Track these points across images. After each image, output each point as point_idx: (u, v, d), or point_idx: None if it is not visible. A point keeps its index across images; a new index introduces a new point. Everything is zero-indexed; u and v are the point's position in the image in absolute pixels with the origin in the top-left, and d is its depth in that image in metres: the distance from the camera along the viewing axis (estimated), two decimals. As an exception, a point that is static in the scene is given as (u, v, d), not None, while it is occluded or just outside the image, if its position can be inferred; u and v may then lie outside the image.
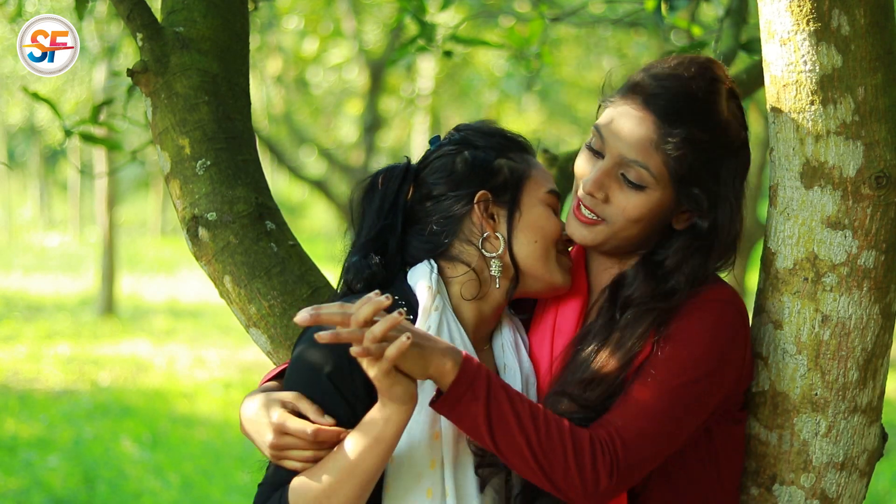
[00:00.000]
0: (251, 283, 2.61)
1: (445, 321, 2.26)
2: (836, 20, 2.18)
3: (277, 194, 22.38)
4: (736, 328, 2.22)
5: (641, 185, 2.22)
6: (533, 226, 2.31)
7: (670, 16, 4.33)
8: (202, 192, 2.64)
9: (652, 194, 2.23)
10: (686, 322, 2.20)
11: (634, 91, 2.26)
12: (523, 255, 2.30)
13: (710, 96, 2.24)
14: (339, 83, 18.28)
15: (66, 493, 7.58)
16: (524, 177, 2.32)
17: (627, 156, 2.22)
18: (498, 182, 2.31)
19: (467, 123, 2.43)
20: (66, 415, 9.96)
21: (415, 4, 4.38)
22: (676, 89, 2.23)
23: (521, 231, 2.31)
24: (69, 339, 13.83)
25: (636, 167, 2.22)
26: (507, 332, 2.37)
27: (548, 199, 2.33)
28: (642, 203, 2.23)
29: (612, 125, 2.25)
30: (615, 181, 2.24)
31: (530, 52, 4.51)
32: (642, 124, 2.22)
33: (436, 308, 2.26)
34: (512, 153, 2.35)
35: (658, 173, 2.22)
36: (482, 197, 2.30)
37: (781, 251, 2.32)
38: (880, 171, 2.22)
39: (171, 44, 2.68)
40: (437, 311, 2.25)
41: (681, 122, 2.20)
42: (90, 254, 23.28)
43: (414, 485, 2.18)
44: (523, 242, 2.30)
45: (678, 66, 2.26)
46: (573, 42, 12.98)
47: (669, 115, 2.21)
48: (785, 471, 2.34)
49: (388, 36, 13.16)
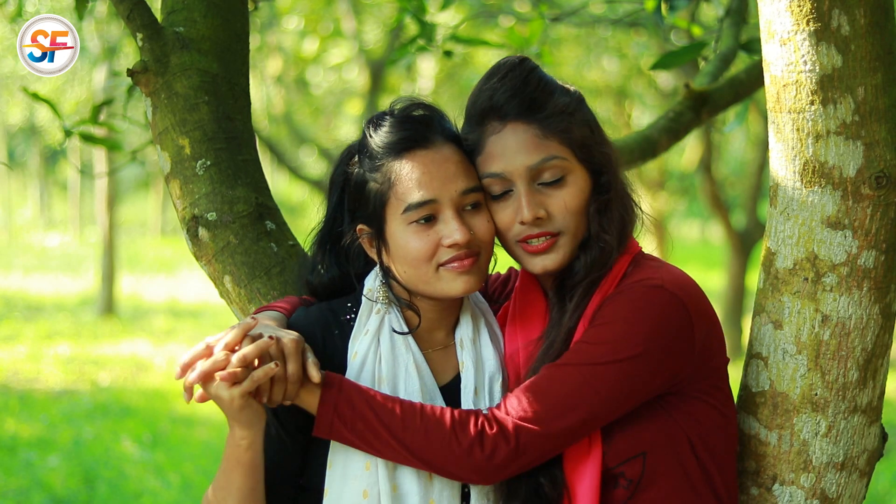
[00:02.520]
0: (251, 283, 2.61)
1: (388, 325, 2.29)
2: (836, 20, 2.18)
3: (277, 194, 22.39)
4: (665, 312, 2.19)
5: (562, 175, 2.27)
6: (397, 254, 2.27)
7: (670, 16, 4.33)
8: (202, 192, 2.65)
9: (574, 178, 2.28)
10: (610, 305, 2.21)
11: (485, 118, 2.29)
12: (402, 280, 2.29)
13: (533, 73, 2.30)
14: (339, 83, 18.28)
15: (66, 493, 7.58)
16: (385, 201, 2.26)
17: (533, 163, 2.26)
18: (368, 211, 2.29)
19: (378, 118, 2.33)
20: (66, 415, 9.95)
21: (415, 4, 4.38)
22: (510, 86, 2.28)
23: (393, 260, 2.28)
24: (69, 339, 13.83)
25: (547, 164, 2.26)
26: (466, 328, 2.36)
27: (409, 217, 2.24)
28: (573, 191, 2.28)
29: (499, 156, 2.27)
30: (540, 195, 2.27)
31: (530, 52, 4.51)
32: (515, 132, 2.27)
33: (377, 312, 2.30)
34: (380, 169, 2.26)
35: (563, 153, 2.27)
36: (360, 232, 2.32)
37: (781, 251, 2.32)
38: (880, 171, 2.22)
39: (171, 44, 2.68)
40: (378, 314, 2.30)
41: (540, 103, 2.27)
42: (90, 254, 23.29)
43: (350, 487, 2.22)
44: (398, 271, 2.29)
45: (491, 76, 2.31)
46: (573, 42, 12.98)
47: (528, 106, 2.27)
48: (785, 471, 2.34)
49: (388, 36, 13.15)
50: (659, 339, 2.17)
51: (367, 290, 2.33)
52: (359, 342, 2.28)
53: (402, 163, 2.24)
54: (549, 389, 2.16)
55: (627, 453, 2.21)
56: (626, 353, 2.15)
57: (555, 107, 2.28)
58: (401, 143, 2.25)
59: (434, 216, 2.24)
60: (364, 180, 2.28)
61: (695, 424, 2.24)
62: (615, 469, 2.21)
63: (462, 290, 2.26)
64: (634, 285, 2.22)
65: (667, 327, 2.18)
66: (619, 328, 2.17)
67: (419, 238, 2.24)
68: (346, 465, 2.22)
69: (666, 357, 2.18)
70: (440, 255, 2.24)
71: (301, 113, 19.39)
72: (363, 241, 2.32)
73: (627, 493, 2.22)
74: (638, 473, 2.21)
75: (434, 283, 2.26)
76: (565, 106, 2.29)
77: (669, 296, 2.19)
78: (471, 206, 2.27)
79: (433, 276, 2.25)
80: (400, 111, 2.31)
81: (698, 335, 2.22)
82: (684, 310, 2.20)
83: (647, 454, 2.21)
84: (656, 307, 2.18)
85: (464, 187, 2.25)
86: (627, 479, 2.22)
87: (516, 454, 2.14)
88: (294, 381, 2.12)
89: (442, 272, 2.25)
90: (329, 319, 2.31)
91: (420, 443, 2.14)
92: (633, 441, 2.21)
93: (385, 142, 2.26)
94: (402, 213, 2.23)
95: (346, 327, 2.30)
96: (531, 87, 2.28)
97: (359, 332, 2.29)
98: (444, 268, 2.24)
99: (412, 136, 2.26)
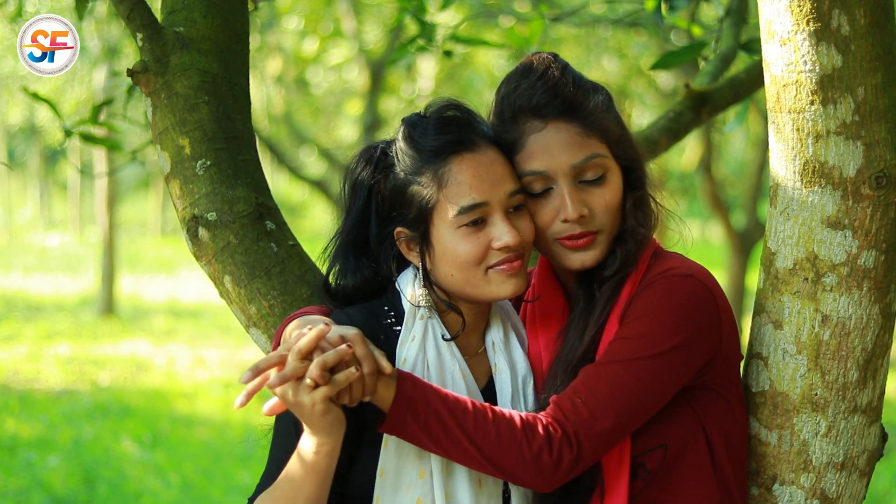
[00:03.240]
0: (251, 283, 2.61)
1: (431, 330, 2.27)
2: (836, 20, 2.18)
3: (277, 194, 22.38)
4: (696, 299, 2.21)
5: (602, 174, 2.28)
6: (445, 258, 2.25)
7: (670, 16, 4.33)
8: (202, 192, 2.64)
9: (612, 176, 2.30)
10: (643, 298, 2.23)
11: (523, 117, 2.29)
12: (445, 285, 2.27)
13: (567, 70, 2.32)
14: (339, 83, 18.28)
15: (66, 493, 7.58)
16: (432, 205, 2.23)
17: (577, 161, 2.26)
18: (411, 215, 2.26)
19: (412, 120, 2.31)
20: (66, 415, 9.96)
21: (415, 4, 4.38)
22: (549, 84, 2.29)
23: (437, 264, 2.26)
24: (69, 339, 13.83)
25: (590, 162, 2.27)
26: (497, 332, 2.36)
27: (459, 220, 2.22)
28: (613, 189, 2.30)
29: (542, 154, 2.27)
30: (583, 193, 2.28)
31: (530, 52, 4.50)
32: (558, 131, 2.28)
33: (420, 317, 2.27)
34: (425, 173, 2.24)
35: (604, 151, 2.29)
36: (398, 235, 2.29)
37: (781, 251, 2.32)
38: (880, 171, 2.22)
39: (171, 44, 2.68)
40: (422, 319, 2.27)
41: (574, 102, 2.28)
42: (90, 254, 23.29)
43: (404, 496, 2.19)
44: (442, 274, 2.27)
45: (525, 74, 2.31)
46: (573, 42, 12.97)
47: (565, 105, 2.28)
48: (785, 471, 2.34)
49: (388, 36, 13.15)
50: (693, 327, 2.20)
51: (409, 296, 2.29)
52: (406, 349, 2.24)
53: (449, 166, 2.23)
54: (597, 389, 2.16)
55: (649, 444, 2.22)
56: (666, 343, 2.17)
57: (593, 105, 2.30)
58: (447, 147, 2.24)
59: (484, 219, 2.23)
60: (404, 184, 2.25)
61: (715, 420, 2.26)
62: (637, 459, 2.23)
63: (512, 292, 2.25)
64: (663, 276, 2.24)
65: (699, 315, 2.21)
66: (657, 320, 2.19)
67: (469, 241, 2.22)
68: (399, 472, 2.20)
69: (700, 345, 2.21)
70: (490, 258, 2.23)
71: (301, 113, 19.39)
72: (401, 245, 2.29)
73: (643, 484, 2.23)
74: (657, 465, 2.22)
75: (482, 287, 2.25)
76: (600, 104, 2.32)
77: (699, 285, 2.23)
78: (514, 207, 2.27)
79: (482, 278, 2.24)
80: (436, 113, 2.30)
81: (724, 326, 2.25)
82: (713, 299, 2.24)
83: (669, 446, 2.22)
84: (688, 296, 2.21)
85: (511, 189, 2.25)
86: (647, 469, 2.23)
87: (579, 459, 2.13)
88: (371, 375, 2.06)
89: (491, 275, 2.24)
90: (373, 323, 2.28)
91: (492, 444, 2.11)
92: (657, 432, 2.22)
93: (428, 145, 2.25)
94: (453, 217, 2.22)
95: (390, 332, 2.27)
96: (569, 86, 2.30)
97: (406, 339, 2.25)
98: (494, 270, 2.24)
99: (457, 138, 2.25)
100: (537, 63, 2.32)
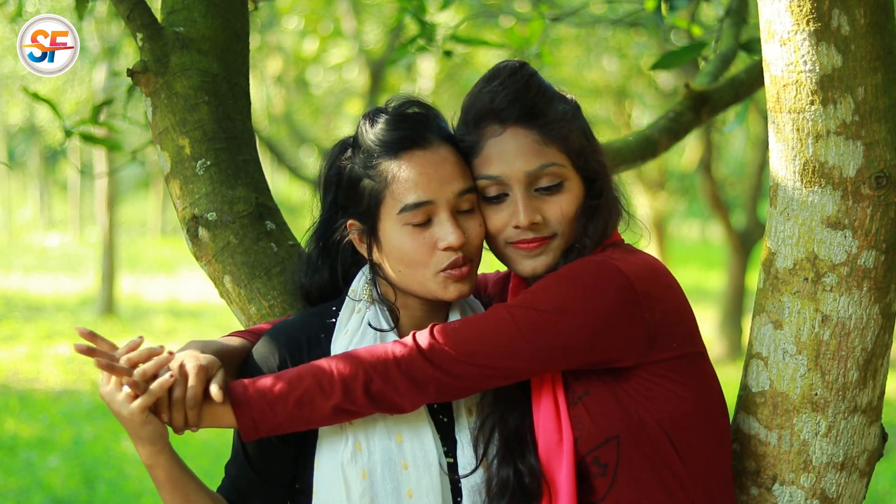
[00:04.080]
0: (251, 283, 2.61)
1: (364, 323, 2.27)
2: (836, 20, 2.18)
3: (277, 194, 22.35)
4: (601, 279, 2.18)
5: (559, 181, 2.28)
6: (391, 254, 2.26)
7: (670, 16, 4.33)
8: (202, 192, 2.65)
9: (570, 185, 2.29)
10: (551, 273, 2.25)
11: (484, 120, 2.30)
12: (393, 280, 2.28)
13: (533, 78, 2.31)
14: (339, 83, 18.29)
15: (66, 493, 7.58)
16: (379, 200, 2.24)
17: (532, 168, 2.26)
18: (362, 208, 2.27)
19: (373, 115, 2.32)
20: (66, 415, 9.95)
21: (415, 4, 4.38)
22: (512, 90, 2.29)
23: (385, 258, 2.27)
24: (69, 339, 13.82)
25: (546, 170, 2.27)
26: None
27: (403, 218, 2.22)
28: (570, 197, 2.29)
29: (498, 159, 2.27)
30: (537, 200, 2.28)
31: (530, 52, 4.51)
32: (515, 136, 2.27)
33: (357, 311, 2.29)
34: (376, 167, 2.25)
35: (561, 161, 2.28)
36: (350, 227, 2.30)
37: (781, 251, 2.32)
38: (880, 171, 2.22)
39: (171, 44, 2.68)
40: (359, 313, 2.28)
41: (540, 109, 2.28)
42: (90, 254, 23.29)
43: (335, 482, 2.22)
44: (389, 269, 2.27)
45: (491, 79, 2.32)
46: (573, 42, 12.98)
47: (529, 112, 2.27)
48: (785, 471, 2.34)
49: (388, 36, 13.15)
50: (588, 303, 2.17)
51: (350, 291, 2.32)
52: (339, 342, 2.26)
53: (399, 162, 2.23)
54: (475, 321, 2.20)
55: (598, 438, 2.20)
56: (546, 304, 2.16)
57: (555, 114, 2.29)
58: (398, 143, 2.24)
59: (430, 218, 2.23)
60: (358, 176, 2.27)
61: (660, 411, 2.21)
62: (588, 455, 2.21)
63: (455, 297, 2.26)
64: (585, 259, 2.25)
65: (597, 293, 2.17)
66: (548, 283, 2.20)
67: (414, 240, 2.23)
68: (331, 461, 2.22)
69: (597, 324, 2.16)
70: (438, 260, 2.23)
71: (301, 113, 19.40)
72: (353, 237, 2.31)
73: (608, 481, 2.20)
74: (613, 458, 2.20)
75: (428, 287, 2.25)
76: (564, 113, 2.31)
77: (612, 269, 2.19)
78: (465, 208, 2.26)
79: (431, 279, 2.24)
80: (396, 108, 2.30)
81: (648, 317, 2.19)
82: (630, 287, 2.18)
83: (621, 438, 2.20)
84: (591, 273, 2.19)
85: (460, 189, 2.24)
86: (602, 464, 2.20)
87: (430, 364, 2.14)
88: (192, 404, 2.10)
89: (440, 277, 2.24)
90: (313, 324, 2.30)
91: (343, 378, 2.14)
92: (602, 425, 2.20)
93: (382, 139, 2.25)
94: (397, 214, 2.22)
95: (332, 328, 2.30)
96: (532, 93, 2.29)
97: (339, 333, 2.28)
98: (443, 273, 2.24)
99: (410, 135, 2.25)
100: (504, 69, 2.32)
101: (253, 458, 2.26)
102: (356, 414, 2.17)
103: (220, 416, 2.14)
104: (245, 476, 2.27)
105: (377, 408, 2.16)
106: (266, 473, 2.26)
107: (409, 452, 2.22)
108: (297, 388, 2.14)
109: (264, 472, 2.26)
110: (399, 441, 2.22)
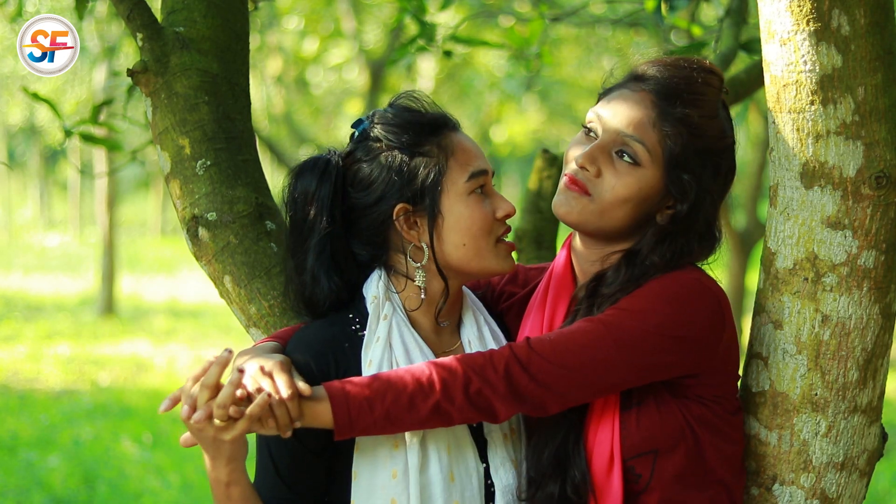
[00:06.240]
0: (251, 283, 2.61)
1: (397, 329, 2.25)
2: (836, 20, 2.18)
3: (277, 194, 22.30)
4: (695, 296, 2.20)
5: (636, 161, 2.26)
6: (457, 226, 2.25)
7: (670, 16, 4.33)
8: (202, 192, 2.65)
9: (644, 174, 2.26)
10: (643, 287, 2.23)
11: (634, 78, 2.32)
12: (453, 258, 2.27)
13: (708, 88, 2.30)
14: (339, 83, 18.28)
15: (66, 493, 7.58)
16: (441, 174, 2.24)
17: (625, 131, 2.26)
18: (415, 189, 2.24)
19: (385, 110, 2.33)
20: (66, 415, 9.95)
21: (415, 4, 4.38)
22: (676, 74, 2.29)
23: (447, 235, 2.26)
24: (69, 339, 13.83)
25: (633, 143, 2.25)
26: (471, 328, 2.36)
27: (470, 186, 2.25)
28: (633, 182, 2.26)
29: (610, 105, 2.30)
30: (609, 158, 2.27)
31: (530, 52, 4.51)
32: (641, 103, 2.27)
33: (384, 317, 2.26)
34: (427, 144, 2.25)
35: (653, 151, 2.25)
36: (400, 211, 2.26)
37: (781, 251, 2.32)
38: (880, 171, 2.22)
39: (171, 44, 2.68)
40: (386, 320, 2.26)
41: (679, 102, 2.26)
42: (90, 254, 23.29)
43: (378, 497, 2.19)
44: (451, 246, 2.26)
45: (680, 59, 2.34)
46: (573, 42, 12.97)
47: (668, 95, 2.26)
48: (785, 471, 2.34)
49: (388, 36, 13.15)
50: (686, 321, 2.18)
51: (371, 298, 2.28)
52: (371, 350, 2.23)
53: (449, 137, 2.28)
54: (570, 334, 2.18)
55: (640, 448, 2.21)
56: (645, 320, 2.17)
57: (686, 115, 2.26)
58: (442, 120, 2.29)
59: (484, 188, 2.28)
60: (406, 157, 2.25)
61: (707, 430, 2.23)
62: (627, 462, 2.22)
63: (509, 268, 2.32)
64: (671, 275, 2.24)
65: (695, 311, 2.19)
66: (649, 299, 2.19)
67: (481, 207, 2.26)
68: (372, 475, 2.20)
69: (689, 340, 2.18)
70: (497, 229, 2.28)
71: (301, 113, 19.40)
72: (399, 223, 2.26)
73: (639, 488, 2.21)
74: (648, 471, 2.21)
75: (489, 258, 2.27)
76: (696, 127, 2.26)
77: (703, 286, 2.22)
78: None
79: (491, 249, 2.27)
80: (406, 102, 2.34)
81: (727, 336, 2.23)
82: (718, 305, 2.22)
83: (659, 453, 2.21)
84: (687, 290, 2.21)
85: (491, 169, 2.32)
86: (637, 473, 2.22)
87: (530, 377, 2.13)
88: (291, 399, 2.04)
89: (500, 247, 2.28)
90: (336, 333, 2.26)
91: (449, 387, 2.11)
92: (648, 436, 2.21)
93: (425, 120, 2.28)
94: (465, 182, 2.24)
95: (355, 338, 2.26)
96: (685, 82, 2.28)
97: (370, 341, 2.24)
98: (502, 243, 2.28)
99: (441, 116, 2.31)
100: (684, 59, 2.34)
101: (285, 474, 2.21)
102: (451, 419, 2.13)
103: (316, 413, 2.08)
104: (278, 495, 2.21)
105: (474, 410, 2.13)
106: (300, 488, 2.22)
107: (455, 469, 2.22)
108: (397, 385, 2.10)
109: (298, 486, 2.21)
110: (448, 454, 2.21)
